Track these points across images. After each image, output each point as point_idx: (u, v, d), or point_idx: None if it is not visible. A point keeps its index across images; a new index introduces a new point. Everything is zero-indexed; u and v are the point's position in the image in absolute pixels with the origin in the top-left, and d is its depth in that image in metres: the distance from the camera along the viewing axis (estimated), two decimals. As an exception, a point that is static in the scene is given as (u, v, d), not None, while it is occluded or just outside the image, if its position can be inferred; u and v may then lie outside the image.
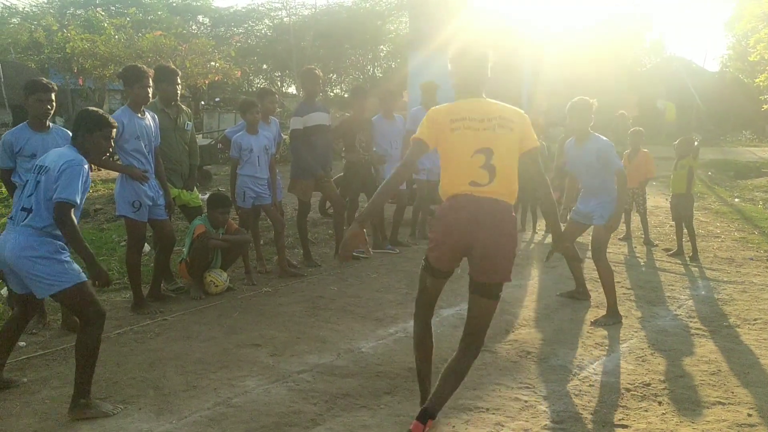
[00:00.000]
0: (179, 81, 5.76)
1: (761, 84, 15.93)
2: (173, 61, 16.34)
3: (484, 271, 3.13)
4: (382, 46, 39.84)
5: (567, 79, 22.68)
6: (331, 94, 39.04)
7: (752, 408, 3.64)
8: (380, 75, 39.33)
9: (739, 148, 22.83)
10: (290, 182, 6.90)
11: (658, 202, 11.09)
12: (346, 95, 34.06)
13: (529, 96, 25.44)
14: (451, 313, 5.31)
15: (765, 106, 23.47)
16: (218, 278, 5.73)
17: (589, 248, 5.39)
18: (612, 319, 5.13)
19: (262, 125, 6.43)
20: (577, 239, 6.13)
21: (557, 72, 23.03)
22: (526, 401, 3.73)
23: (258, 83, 40.16)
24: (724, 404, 3.71)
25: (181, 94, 5.82)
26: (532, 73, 24.69)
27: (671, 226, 8.36)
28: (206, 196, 6.32)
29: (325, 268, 6.73)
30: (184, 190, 5.88)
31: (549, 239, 8.49)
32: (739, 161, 17.50)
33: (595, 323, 5.10)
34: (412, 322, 5.01)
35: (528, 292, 5.99)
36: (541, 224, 8.97)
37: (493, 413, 3.57)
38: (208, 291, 5.69)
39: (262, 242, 7.00)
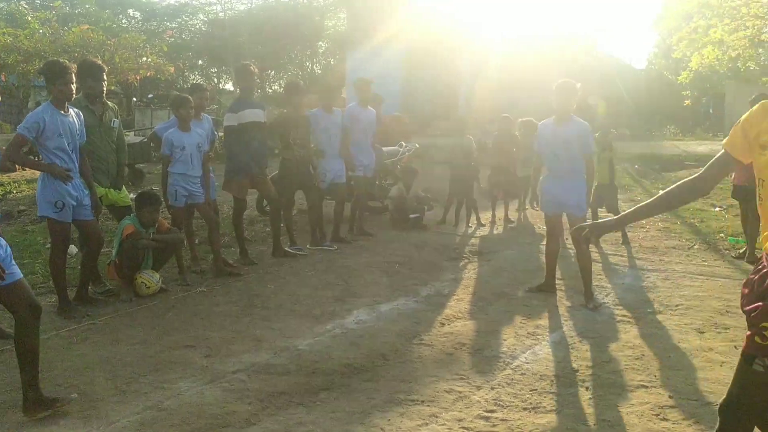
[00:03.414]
0: (105, 77, 5.59)
1: (684, 81, 16.65)
2: (101, 56, 15.74)
3: None
4: (320, 43, 39.61)
5: (505, 79, 23.13)
6: (270, 90, 38.59)
7: (673, 390, 3.81)
8: (319, 72, 39.11)
9: (664, 142, 23.72)
10: (225, 180, 6.79)
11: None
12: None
13: (467, 95, 25.84)
14: (389, 308, 5.35)
15: (687, 102, 24.54)
16: (150, 279, 5.59)
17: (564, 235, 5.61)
18: (592, 303, 5.35)
19: (194, 122, 6.31)
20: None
21: (497, 70, 23.48)
22: (460, 392, 3.79)
23: (193, 79, 39.30)
24: (647, 387, 3.87)
25: (110, 90, 5.65)
26: (472, 72, 25.07)
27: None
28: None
29: (262, 267, 6.66)
30: (112, 189, 5.71)
31: (482, 233, 8.66)
32: (664, 155, 18.20)
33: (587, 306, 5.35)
34: (349, 318, 5.08)
35: (463, 286, 6.09)
36: (487, 218, 9.13)
37: (428, 405, 3.62)
38: (140, 293, 5.54)
39: (197, 241, 6.87)
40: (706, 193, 2.48)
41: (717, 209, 9.89)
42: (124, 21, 38.46)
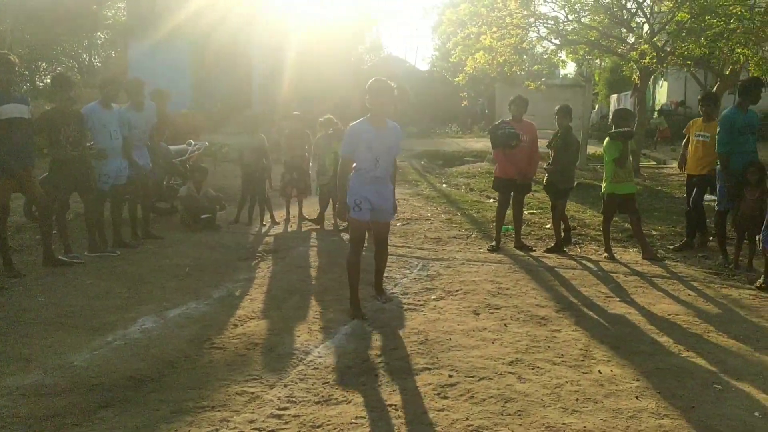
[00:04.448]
0: None
1: (461, 82, 18.00)
2: None
3: None
4: (99, 33, 36.69)
5: (299, 77, 23.25)
6: (40, 84, 34.90)
7: (453, 369, 4.11)
8: (98, 64, 36.24)
9: (447, 139, 25.59)
10: (-18, 183, 6.01)
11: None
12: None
13: (261, 92, 25.55)
14: (178, 313, 5.12)
15: (464, 102, 26.64)
16: None
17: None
18: (384, 297, 5.50)
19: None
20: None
21: (291, 68, 23.50)
22: (252, 393, 3.74)
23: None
24: (430, 369, 4.12)
25: None
26: (266, 69, 24.81)
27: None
28: None
29: (31, 278, 6.00)
30: None
31: (276, 231, 8.64)
32: (446, 151, 19.63)
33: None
34: (132, 328, 4.76)
35: (256, 285, 6.02)
36: (281, 216, 9.08)
37: (219, 410, 3.52)
38: None
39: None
40: None
41: (491, 200, 10.85)
42: None
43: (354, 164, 5.11)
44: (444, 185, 13.02)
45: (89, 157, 6.84)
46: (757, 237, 6.49)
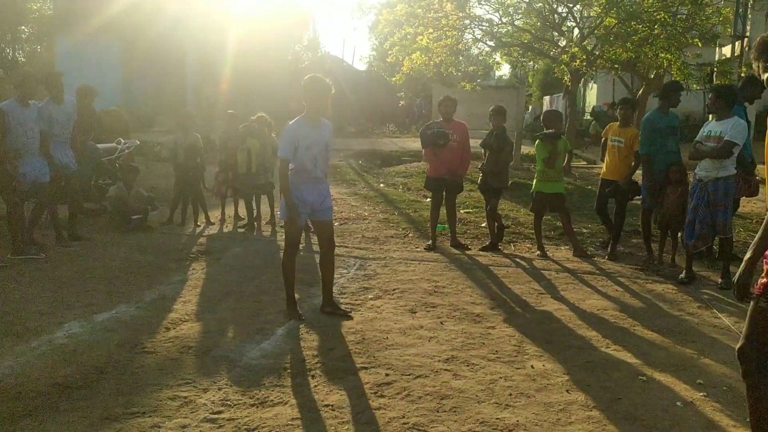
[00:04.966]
0: None
1: (398, 82, 18.11)
2: None
3: None
4: (23, 27, 35.07)
5: (235, 75, 22.89)
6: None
7: (390, 368, 4.13)
8: (23, 59, 34.65)
9: (385, 139, 25.67)
10: None
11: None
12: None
13: (195, 88, 25.03)
14: (107, 317, 4.96)
15: (401, 103, 26.82)
16: None
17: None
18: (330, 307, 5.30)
19: None
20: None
21: (227, 67, 23.09)
22: (185, 397, 3.66)
23: None
24: (367, 368, 4.13)
25: None
26: (200, 66, 24.28)
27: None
28: None
29: (-52, 283, 5.69)
30: None
31: (211, 232, 8.48)
32: (384, 151, 19.68)
33: None
34: (59, 333, 4.58)
35: (190, 287, 5.89)
36: (217, 216, 8.91)
37: (149, 416, 3.42)
38: None
39: None
40: None
41: (428, 200, 10.95)
42: None
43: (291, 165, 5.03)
44: (381, 185, 13.06)
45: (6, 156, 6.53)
46: (679, 234, 6.80)
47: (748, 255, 2.86)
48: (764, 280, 2.76)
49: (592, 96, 30.43)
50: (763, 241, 2.81)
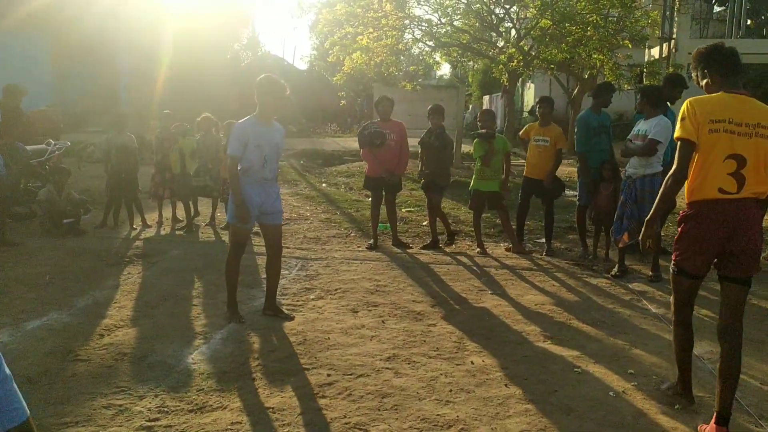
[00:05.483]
0: None
1: (339, 81, 18.09)
2: None
3: (747, 268, 3.40)
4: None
5: (172, 75, 22.35)
6: None
7: (332, 368, 4.12)
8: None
9: (327, 139, 25.63)
10: None
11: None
12: None
13: (129, 90, 24.30)
14: (37, 325, 4.78)
15: (342, 102, 26.79)
16: None
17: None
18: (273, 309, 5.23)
19: None
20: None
21: (163, 66, 22.51)
22: (120, 405, 3.56)
23: None
24: (309, 369, 4.11)
25: None
26: (134, 66, 23.62)
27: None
28: None
29: None
30: None
31: (147, 234, 8.27)
32: (326, 150, 19.64)
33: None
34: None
35: (126, 291, 5.73)
36: (153, 219, 8.68)
37: (83, 425, 3.32)
38: None
39: None
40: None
41: (370, 199, 10.98)
42: None
43: (240, 165, 4.93)
44: (323, 184, 13.02)
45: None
46: (611, 229, 7.02)
47: (648, 217, 3.76)
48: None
49: (530, 95, 31.14)
50: (663, 204, 3.71)
